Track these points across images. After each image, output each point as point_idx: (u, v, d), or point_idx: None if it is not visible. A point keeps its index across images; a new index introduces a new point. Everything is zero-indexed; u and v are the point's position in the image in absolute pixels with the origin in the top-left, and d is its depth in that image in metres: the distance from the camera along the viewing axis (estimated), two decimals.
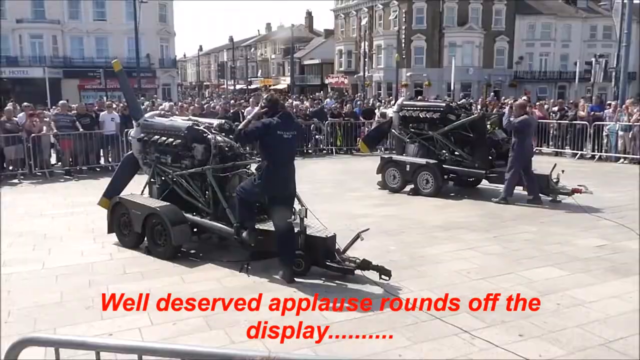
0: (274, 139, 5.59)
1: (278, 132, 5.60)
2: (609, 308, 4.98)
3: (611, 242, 7.15)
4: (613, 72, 22.60)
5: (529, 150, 9.59)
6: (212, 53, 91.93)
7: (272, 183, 5.65)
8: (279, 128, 5.60)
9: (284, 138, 5.63)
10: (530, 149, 9.66)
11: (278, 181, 5.67)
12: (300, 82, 63.88)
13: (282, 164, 5.69)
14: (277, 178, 5.66)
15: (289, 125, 5.75)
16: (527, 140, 9.47)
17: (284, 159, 5.73)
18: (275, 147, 5.62)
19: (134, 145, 7.43)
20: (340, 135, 17.54)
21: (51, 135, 13.39)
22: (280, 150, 5.66)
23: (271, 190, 5.72)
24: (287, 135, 5.65)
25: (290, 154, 5.89)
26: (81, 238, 7.59)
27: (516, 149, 9.31)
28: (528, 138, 9.51)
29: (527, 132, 9.43)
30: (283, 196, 5.79)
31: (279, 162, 5.67)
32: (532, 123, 9.76)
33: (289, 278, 5.65)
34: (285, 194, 5.81)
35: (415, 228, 7.94)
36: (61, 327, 4.66)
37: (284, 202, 5.81)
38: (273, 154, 5.64)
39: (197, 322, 4.73)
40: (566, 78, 50.22)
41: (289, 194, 5.87)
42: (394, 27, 49.70)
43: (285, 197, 5.82)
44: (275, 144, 5.60)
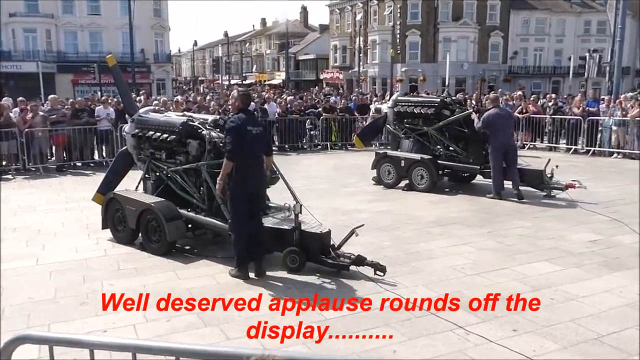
0: (246, 136, 5.54)
1: (249, 128, 5.57)
2: (602, 303, 5.02)
3: (604, 236, 7.19)
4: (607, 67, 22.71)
5: (503, 144, 9.36)
6: (207, 48, 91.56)
7: (245, 181, 5.58)
8: (247, 124, 5.58)
9: (253, 133, 5.60)
10: (504, 143, 9.38)
11: (251, 179, 5.61)
12: (295, 77, 63.69)
13: (252, 160, 5.64)
14: (248, 175, 5.60)
15: (254, 121, 5.82)
16: (500, 134, 9.29)
17: (254, 154, 5.67)
18: (249, 143, 5.56)
19: (128, 141, 7.41)
20: (335, 131, 17.53)
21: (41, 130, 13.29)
22: (250, 144, 5.58)
23: (244, 188, 5.61)
24: (255, 131, 5.62)
25: (259, 147, 5.73)
26: (75, 234, 7.56)
27: (490, 144, 9.37)
28: (500, 132, 9.30)
29: (497, 126, 9.28)
30: (254, 196, 5.71)
31: (248, 157, 5.58)
32: (500, 115, 9.41)
33: (244, 275, 5.66)
34: (257, 193, 5.77)
35: (409, 223, 7.95)
36: (55, 324, 4.65)
37: (253, 202, 5.71)
38: (245, 150, 5.54)
39: (191, 319, 4.73)
40: (560, 73, 50.32)
41: (260, 193, 5.86)
42: (388, 22, 49.63)
43: (255, 196, 5.74)
44: (248, 140, 5.55)
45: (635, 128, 14.59)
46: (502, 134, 9.36)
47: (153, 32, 46.34)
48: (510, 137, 9.74)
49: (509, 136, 9.68)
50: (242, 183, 5.58)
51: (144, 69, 44.07)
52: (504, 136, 9.41)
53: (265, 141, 6.03)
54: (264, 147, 5.96)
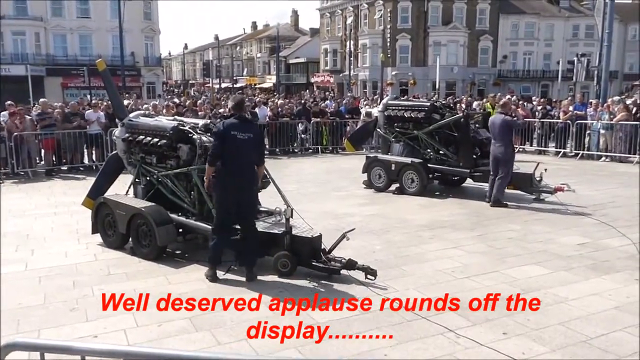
0: (228, 139, 5.54)
1: (232, 132, 5.56)
2: (591, 305, 5.07)
3: (593, 240, 7.26)
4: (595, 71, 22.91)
5: (492, 150, 9.33)
6: (197, 51, 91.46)
7: (225, 187, 5.61)
8: (232, 128, 5.58)
9: (238, 138, 5.56)
10: (492, 149, 9.32)
11: (231, 184, 5.60)
12: (286, 80, 63.78)
13: (236, 166, 5.58)
14: (231, 181, 5.58)
15: (245, 127, 5.67)
16: (493, 141, 9.29)
17: (238, 160, 5.59)
18: (231, 148, 5.54)
19: (119, 145, 7.38)
20: (326, 135, 17.56)
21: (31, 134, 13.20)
22: (233, 149, 5.54)
23: (226, 193, 5.64)
24: (241, 136, 5.57)
25: (245, 155, 5.64)
26: (65, 239, 7.52)
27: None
28: (494, 139, 9.27)
29: (492, 133, 9.32)
30: (240, 202, 5.68)
31: (232, 163, 5.56)
32: (493, 123, 9.31)
33: (212, 278, 5.73)
34: (242, 200, 5.69)
35: (400, 227, 7.98)
36: (45, 329, 4.62)
37: (240, 209, 5.70)
38: (226, 155, 5.56)
39: (182, 324, 4.72)
40: (549, 77, 50.82)
41: (246, 201, 5.74)
42: (379, 26, 49.86)
43: (241, 203, 5.69)
44: (230, 144, 5.54)
45: (620, 132, 14.74)
46: (494, 140, 9.25)
47: (143, 35, 46.24)
48: (496, 145, 9.20)
49: (496, 145, 9.20)
50: (224, 188, 5.64)
51: (134, 73, 43.95)
52: (494, 143, 9.27)
53: (254, 148, 5.71)
54: (253, 154, 5.72)
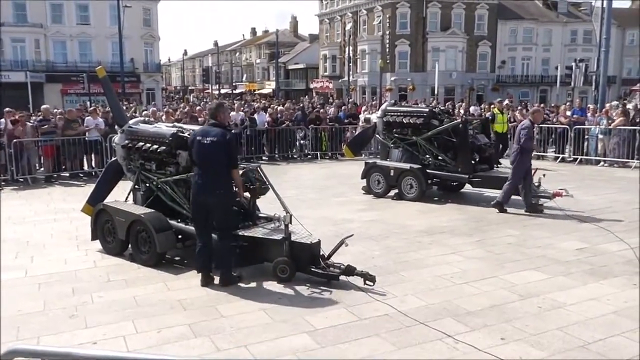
0: (194, 146, 5.83)
1: (197, 138, 5.81)
2: (588, 310, 5.08)
3: (591, 245, 7.28)
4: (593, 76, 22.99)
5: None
6: (196, 57, 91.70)
7: (195, 191, 5.81)
8: (198, 134, 5.87)
9: (201, 143, 5.75)
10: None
11: (195, 188, 5.80)
12: (285, 86, 63.96)
13: (200, 171, 5.76)
14: (195, 185, 5.81)
15: (209, 132, 5.82)
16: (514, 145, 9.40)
17: (203, 164, 5.75)
18: (196, 153, 5.81)
19: (118, 152, 7.40)
20: (325, 141, 17.60)
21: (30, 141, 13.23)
22: (197, 154, 5.79)
23: (195, 197, 5.83)
24: (204, 141, 5.73)
25: (208, 159, 5.72)
26: (64, 245, 7.53)
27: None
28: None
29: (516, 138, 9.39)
30: (202, 206, 5.77)
31: (198, 168, 5.81)
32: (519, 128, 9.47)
33: (204, 283, 5.80)
34: (210, 205, 5.74)
35: (399, 233, 8.00)
36: (45, 336, 4.63)
37: (209, 214, 5.79)
38: (195, 161, 5.86)
39: (182, 330, 4.73)
40: (548, 82, 50.96)
41: (213, 205, 5.75)
42: (378, 32, 50.03)
43: (210, 209, 5.76)
44: (195, 150, 5.82)
45: (616, 137, 14.79)
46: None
47: (143, 42, 46.36)
48: (512, 149, 9.48)
49: (512, 148, 9.45)
50: (193, 192, 5.86)
51: (134, 79, 44.03)
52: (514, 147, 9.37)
53: (219, 151, 5.69)
54: (218, 158, 5.71)
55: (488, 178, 10.25)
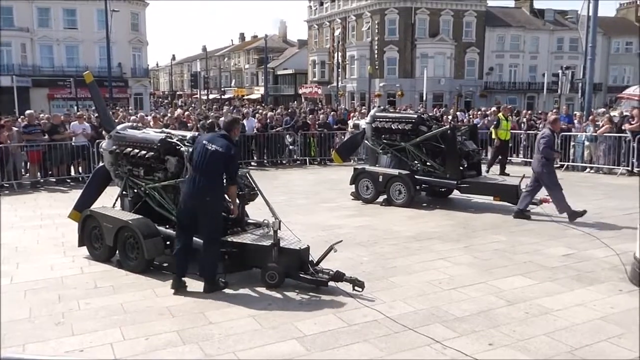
0: (198, 148, 5.82)
1: (203, 142, 5.83)
2: (575, 316, 5.12)
3: (577, 250, 7.34)
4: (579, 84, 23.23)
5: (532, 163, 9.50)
6: (185, 62, 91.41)
7: (184, 193, 5.84)
8: (205, 138, 5.92)
9: (205, 147, 5.74)
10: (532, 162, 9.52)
11: (185, 189, 5.80)
12: (274, 92, 63.98)
13: (194, 173, 5.73)
14: (186, 187, 5.82)
15: (216, 139, 5.83)
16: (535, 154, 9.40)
17: (198, 168, 5.71)
18: (197, 156, 5.76)
19: (106, 158, 7.35)
20: (314, 146, 17.62)
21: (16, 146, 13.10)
22: (198, 157, 5.74)
23: (182, 197, 5.85)
24: (209, 147, 5.72)
25: (206, 164, 5.67)
26: (51, 252, 7.46)
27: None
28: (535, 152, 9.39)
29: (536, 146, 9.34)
30: (189, 209, 5.75)
31: (193, 170, 5.79)
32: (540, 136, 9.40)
33: (174, 286, 5.77)
34: (195, 207, 5.71)
35: (388, 239, 8.02)
36: (31, 344, 4.57)
37: (192, 217, 5.77)
38: (194, 163, 5.81)
39: (170, 337, 4.70)
40: (535, 89, 51.53)
41: (198, 207, 5.71)
42: (366, 38, 50.26)
43: (194, 210, 5.73)
44: (197, 152, 5.79)
45: (602, 144, 14.96)
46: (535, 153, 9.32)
47: (131, 46, 46.20)
48: (535, 159, 9.32)
49: (535, 158, 9.34)
50: (183, 195, 5.87)
51: (122, 84, 43.86)
52: (534, 156, 9.36)
53: (217, 160, 5.68)
54: (215, 166, 5.68)
55: (476, 184, 10.32)
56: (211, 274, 5.79)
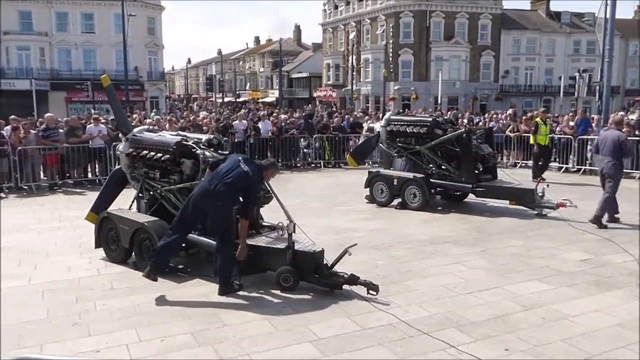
0: (230, 160, 5.97)
1: (239, 158, 5.98)
2: (593, 322, 5.06)
3: (595, 255, 7.25)
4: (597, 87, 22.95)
5: (600, 167, 9.31)
6: (200, 66, 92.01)
7: (197, 190, 5.88)
8: (242, 156, 6.16)
9: (239, 164, 5.81)
10: (600, 166, 9.32)
11: (201, 190, 5.81)
12: (289, 95, 64.11)
13: (217, 180, 5.73)
14: (202, 187, 5.84)
15: (252, 163, 5.98)
16: (601, 157, 9.14)
17: (224, 176, 5.71)
18: (227, 165, 5.84)
19: (122, 160, 7.42)
20: (328, 149, 17.62)
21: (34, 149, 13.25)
22: (227, 167, 5.81)
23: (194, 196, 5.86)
24: (242, 165, 5.79)
25: (232, 177, 5.70)
26: (68, 253, 7.54)
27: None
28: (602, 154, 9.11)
29: (601, 149, 9.12)
30: (203, 209, 5.80)
31: (216, 175, 5.79)
32: (605, 138, 9.17)
33: (148, 274, 5.81)
34: (205, 207, 5.78)
35: (402, 242, 7.99)
36: (48, 344, 4.63)
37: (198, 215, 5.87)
38: (220, 169, 5.86)
39: (185, 339, 4.73)
40: (551, 92, 51.05)
41: (208, 209, 5.79)
42: (381, 41, 50.20)
43: (204, 210, 5.81)
44: (229, 162, 5.89)
45: None
46: (601, 156, 9.12)
47: (147, 50, 46.63)
48: (605, 162, 9.03)
49: (605, 161, 9.04)
50: (196, 192, 5.88)
51: (138, 87, 44.25)
52: (601, 159, 9.14)
53: (244, 182, 5.74)
54: (240, 186, 5.73)
55: (491, 188, 10.25)
56: (226, 276, 5.81)
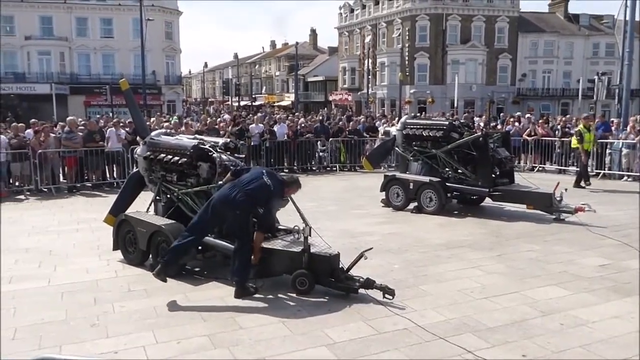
0: (256, 171, 6.09)
1: (263, 171, 6.06)
2: (612, 328, 4.99)
3: (614, 261, 7.15)
4: (616, 90, 22.68)
5: None
6: (216, 70, 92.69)
7: (218, 195, 5.98)
8: (268, 170, 6.18)
9: (262, 177, 5.88)
10: None
11: (222, 195, 5.87)
12: (304, 98, 64.23)
13: (238, 187, 5.79)
14: (223, 192, 5.92)
15: (276, 177, 6.07)
16: None
17: (246, 185, 5.80)
18: (250, 176, 5.93)
19: (140, 163, 7.50)
20: (344, 152, 17.62)
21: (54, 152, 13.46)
22: (251, 177, 5.91)
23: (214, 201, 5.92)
24: (266, 179, 5.86)
25: (254, 188, 5.79)
26: (86, 255, 7.63)
27: None
28: None
29: None
30: (221, 214, 5.87)
31: (240, 182, 5.87)
32: None
33: (158, 274, 5.81)
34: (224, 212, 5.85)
35: (418, 246, 7.96)
36: (67, 345, 4.69)
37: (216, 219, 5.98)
38: (244, 177, 5.95)
39: (201, 341, 4.76)
40: (569, 95, 50.45)
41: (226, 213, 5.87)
42: (397, 44, 50.13)
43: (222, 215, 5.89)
44: (253, 173, 6.02)
45: None
46: None
47: (164, 55, 47.08)
48: None
49: None
50: (216, 196, 5.94)
51: (155, 91, 44.71)
52: None
53: (265, 195, 5.84)
54: (261, 199, 5.83)
55: (508, 192, 10.17)
56: (242, 279, 5.84)
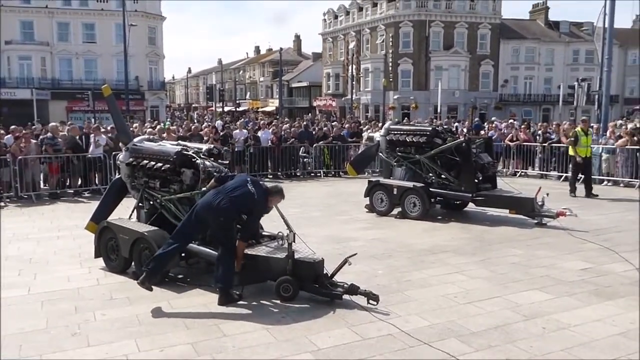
0: (237, 176, 6.23)
1: (248, 179, 6.04)
2: (593, 331, 5.04)
3: (595, 265, 7.24)
4: (596, 96, 23.04)
5: None
6: (200, 75, 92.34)
7: (201, 201, 6.00)
8: (250, 177, 6.16)
9: (246, 185, 5.87)
10: None
11: (206, 201, 5.86)
12: (289, 104, 64.28)
13: (223, 194, 5.79)
14: (206, 199, 5.91)
15: (261, 186, 6.04)
16: None
17: (230, 192, 5.79)
18: (234, 183, 5.93)
19: (122, 170, 7.42)
20: (327, 154, 17.62)
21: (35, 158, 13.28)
22: (235, 184, 5.91)
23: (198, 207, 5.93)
24: (250, 187, 5.86)
25: (238, 195, 5.78)
26: (67, 263, 7.52)
27: None
28: None
29: None
30: (204, 219, 5.87)
31: (223, 189, 5.86)
32: None
33: (142, 282, 5.77)
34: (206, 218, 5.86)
35: (402, 252, 7.98)
36: (47, 354, 4.61)
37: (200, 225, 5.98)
38: (229, 184, 5.94)
39: (184, 349, 4.71)
40: (550, 101, 51.21)
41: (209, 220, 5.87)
42: (381, 50, 50.45)
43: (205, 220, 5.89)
44: (237, 180, 6.02)
45: (620, 156, 14.77)
46: None
47: (147, 60, 46.81)
48: None
49: None
50: (200, 202, 5.94)
51: (138, 96, 44.40)
52: None
53: (249, 203, 5.84)
54: (246, 207, 5.88)
55: (491, 197, 10.25)
56: (226, 286, 5.80)
